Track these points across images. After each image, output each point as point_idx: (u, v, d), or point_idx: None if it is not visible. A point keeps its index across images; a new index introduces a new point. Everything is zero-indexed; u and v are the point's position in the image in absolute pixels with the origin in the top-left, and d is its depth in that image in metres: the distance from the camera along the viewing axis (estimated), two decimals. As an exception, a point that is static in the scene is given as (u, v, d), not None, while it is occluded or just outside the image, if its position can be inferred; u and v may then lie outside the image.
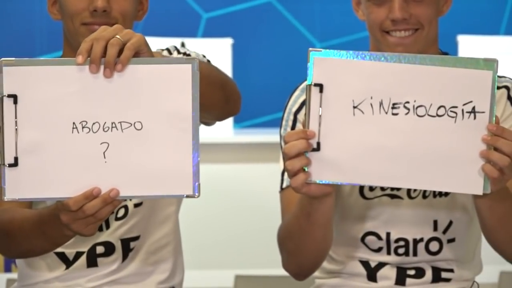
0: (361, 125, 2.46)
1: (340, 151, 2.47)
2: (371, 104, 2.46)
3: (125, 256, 2.84)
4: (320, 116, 2.46)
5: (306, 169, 2.46)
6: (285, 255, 2.75)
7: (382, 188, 2.79)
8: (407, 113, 2.46)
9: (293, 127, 2.79)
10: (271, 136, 2.88)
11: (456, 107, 2.45)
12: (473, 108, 2.45)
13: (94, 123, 2.40)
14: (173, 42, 2.89)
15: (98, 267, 2.83)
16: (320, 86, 2.46)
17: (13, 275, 3.03)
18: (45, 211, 2.53)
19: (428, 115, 2.46)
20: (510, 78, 2.81)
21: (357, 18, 2.89)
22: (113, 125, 2.41)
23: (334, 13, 6.63)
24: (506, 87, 2.79)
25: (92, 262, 2.82)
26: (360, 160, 2.48)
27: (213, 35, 6.40)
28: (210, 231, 4.60)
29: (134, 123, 2.40)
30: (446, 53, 2.91)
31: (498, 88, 2.70)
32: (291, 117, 2.82)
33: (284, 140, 2.52)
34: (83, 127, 2.40)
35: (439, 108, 2.46)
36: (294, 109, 2.81)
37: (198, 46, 5.48)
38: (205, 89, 2.43)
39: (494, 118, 2.45)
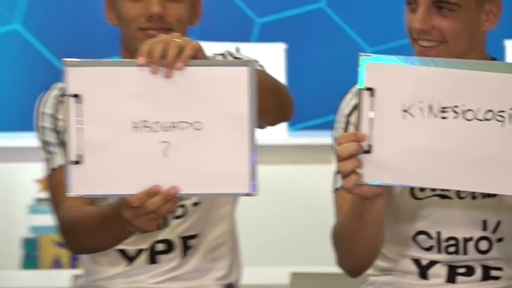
0: (411, 128, 2.47)
1: (391, 153, 2.48)
2: (421, 108, 2.47)
3: (184, 253, 2.86)
4: (371, 119, 2.47)
5: (358, 171, 2.47)
6: (339, 253, 2.76)
7: (433, 189, 2.77)
8: (456, 117, 2.46)
9: (345, 130, 2.79)
10: (324, 138, 2.89)
11: (503, 111, 2.45)
12: None
13: (154, 123, 2.42)
14: (227, 46, 2.90)
15: (159, 264, 2.86)
16: (371, 90, 2.46)
17: (78, 272, 3.07)
18: (107, 208, 2.57)
19: (476, 119, 2.46)
20: None
21: None
22: (173, 125, 2.43)
23: (384, 18, 6.56)
24: None
25: (152, 259, 2.85)
26: (410, 162, 2.48)
27: (266, 40, 6.36)
28: (267, 229, 4.61)
29: (193, 123, 2.42)
30: (494, 59, 2.86)
31: None
32: (344, 120, 2.82)
33: (337, 142, 2.53)
34: (144, 126, 2.42)
35: (487, 112, 2.46)
36: (346, 112, 2.81)
37: (251, 50, 5.48)
38: (258, 95, 2.43)
39: None
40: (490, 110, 2.46)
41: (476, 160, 2.49)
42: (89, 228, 2.68)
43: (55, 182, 2.79)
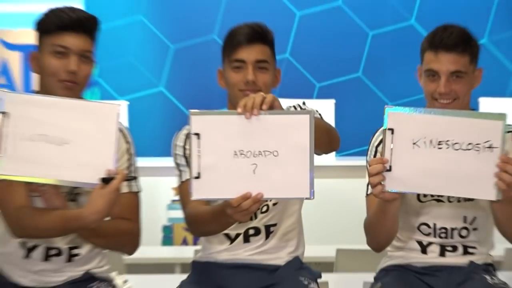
0: (418, 155, 2.45)
1: (404, 172, 2.47)
2: (425, 142, 2.45)
3: (267, 236, 2.82)
4: (391, 149, 2.46)
5: (382, 183, 2.47)
6: (368, 237, 2.75)
7: (431, 195, 2.74)
8: (447, 147, 2.45)
9: (374, 155, 2.75)
10: (360, 161, 2.89)
11: (479, 144, 2.44)
12: (491, 145, 2.44)
13: (247, 151, 2.41)
14: (297, 101, 2.89)
15: (250, 243, 2.82)
16: (392, 130, 2.46)
17: (198, 247, 3.06)
18: (217, 207, 2.56)
19: (461, 149, 2.45)
20: None
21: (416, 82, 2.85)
22: (259, 153, 2.41)
23: (399, 82, 6.53)
24: None
25: (246, 239, 2.82)
26: (417, 177, 2.47)
27: (322, 97, 6.36)
28: (322, 222, 4.56)
29: (273, 151, 2.41)
30: (473, 109, 2.83)
31: (508, 132, 2.64)
32: (373, 149, 2.78)
33: (368, 164, 2.55)
34: (240, 154, 2.41)
35: (468, 144, 2.44)
36: (375, 144, 2.78)
37: (313, 104, 5.47)
38: (316, 134, 2.41)
39: (503, 152, 2.45)
40: (470, 143, 2.44)
41: (460, 176, 2.46)
42: (205, 220, 2.67)
43: (183, 190, 2.77)
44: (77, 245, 2.67)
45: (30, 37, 2.89)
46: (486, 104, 5.72)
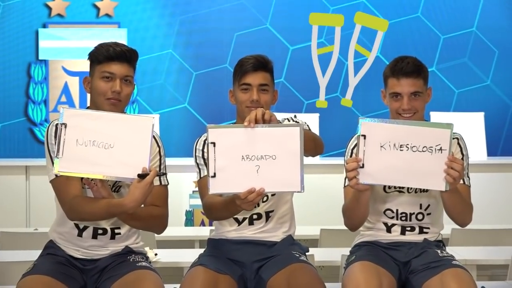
0: (384, 155, 2.43)
1: (374, 168, 2.44)
2: (389, 145, 2.43)
3: (266, 220, 2.79)
4: (364, 150, 2.44)
5: (357, 177, 2.44)
6: (345, 220, 2.71)
7: (395, 187, 2.72)
8: (407, 150, 2.43)
9: (351, 156, 2.72)
10: (339, 160, 2.85)
11: (432, 147, 2.42)
12: (441, 147, 2.42)
13: (252, 156, 2.40)
14: (290, 115, 2.86)
15: (254, 225, 2.78)
16: (364, 136, 2.44)
17: (212, 228, 3.02)
18: (228, 199, 2.54)
19: (418, 151, 2.42)
20: (459, 133, 2.73)
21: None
22: (261, 157, 2.40)
23: (371, 98, 6.55)
24: (457, 138, 2.71)
25: (251, 222, 2.78)
26: (384, 173, 2.45)
27: (309, 111, 6.41)
28: (309, 207, 4.53)
29: (272, 155, 2.39)
30: (427, 120, 2.81)
31: (454, 138, 2.65)
32: (349, 151, 2.75)
33: (346, 162, 2.51)
34: (247, 158, 2.40)
35: (423, 147, 2.42)
36: (351, 147, 2.74)
37: (302, 117, 5.41)
38: (305, 141, 2.41)
39: (450, 153, 2.42)
40: (425, 146, 2.41)
41: (417, 172, 2.44)
42: (218, 209, 2.64)
43: (201, 185, 2.74)
44: (119, 226, 2.65)
45: (84, 65, 2.90)
46: (436, 117, 5.70)
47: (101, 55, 2.57)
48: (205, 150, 2.71)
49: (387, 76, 2.71)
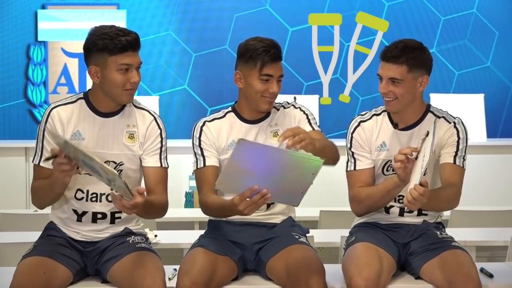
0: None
1: None
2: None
3: (268, 207, 2.72)
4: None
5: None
6: (361, 207, 2.70)
7: (393, 169, 2.61)
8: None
9: (350, 140, 2.73)
10: (338, 142, 2.80)
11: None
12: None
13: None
14: (289, 97, 2.81)
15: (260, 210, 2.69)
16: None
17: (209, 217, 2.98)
18: (225, 202, 2.49)
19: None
20: (459, 117, 2.70)
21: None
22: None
23: (370, 80, 6.54)
24: (454, 122, 2.69)
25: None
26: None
27: (309, 93, 6.42)
28: (309, 190, 4.56)
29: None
30: (429, 105, 2.75)
31: (451, 122, 2.65)
32: (350, 136, 2.74)
33: (399, 152, 2.48)
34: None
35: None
36: (351, 131, 2.73)
37: (301, 99, 5.37)
38: (328, 157, 2.44)
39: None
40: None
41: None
42: (213, 209, 2.62)
43: (198, 175, 2.69)
44: (118, 210, 2.60)
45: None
46: (436, 98, 5.69)
47: (115, 47, 2.49)
48: (202, 138, 2.68)
49: (379, 58, 2.71)
